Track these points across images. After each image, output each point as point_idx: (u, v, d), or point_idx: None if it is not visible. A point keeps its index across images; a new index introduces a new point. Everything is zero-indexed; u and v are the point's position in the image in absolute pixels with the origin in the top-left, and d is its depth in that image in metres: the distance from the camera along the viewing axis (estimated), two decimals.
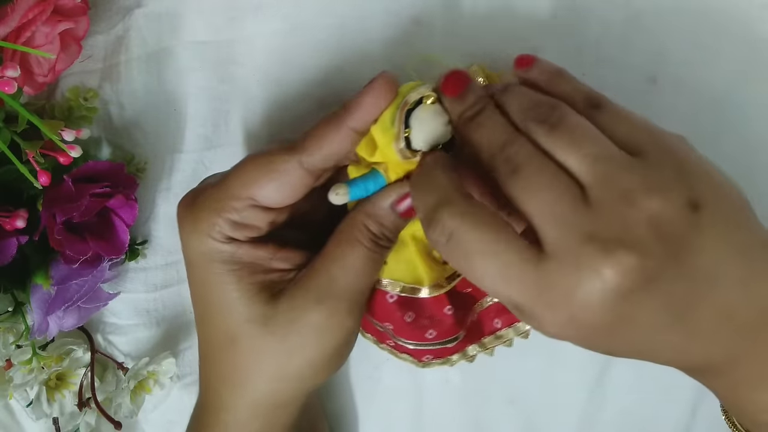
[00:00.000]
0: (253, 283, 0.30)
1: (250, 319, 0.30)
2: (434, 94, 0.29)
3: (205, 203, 0.30)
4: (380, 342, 0.36)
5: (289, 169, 0.28)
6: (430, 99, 0.29)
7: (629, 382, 0.39)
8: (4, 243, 0.33)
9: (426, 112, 0.29)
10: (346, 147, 0.28)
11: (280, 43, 0.37)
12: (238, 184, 0.29)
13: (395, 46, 0.37)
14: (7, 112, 0.32)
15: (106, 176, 0.35)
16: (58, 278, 0.34)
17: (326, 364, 0.31)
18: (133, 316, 0.40)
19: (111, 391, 0.38)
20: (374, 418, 0.42)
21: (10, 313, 0.35)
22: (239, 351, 0.30)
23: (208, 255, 0.30)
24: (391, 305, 0.32)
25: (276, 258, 0.31)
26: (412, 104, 0.29)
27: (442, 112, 0.29)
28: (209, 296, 0.31)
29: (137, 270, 0.39)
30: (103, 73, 0.38)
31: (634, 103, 0.36)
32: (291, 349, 0.30)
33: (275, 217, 0.30)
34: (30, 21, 0.30)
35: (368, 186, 0.31)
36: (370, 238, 0.29)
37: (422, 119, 0.29)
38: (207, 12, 0.37)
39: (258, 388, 0.31)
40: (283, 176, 0.28)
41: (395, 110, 0.29)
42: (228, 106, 0.38)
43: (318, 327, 0.30)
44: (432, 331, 0.33)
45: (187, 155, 0.38)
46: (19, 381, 0.36)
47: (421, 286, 0.32)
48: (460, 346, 0.35)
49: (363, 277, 0.30)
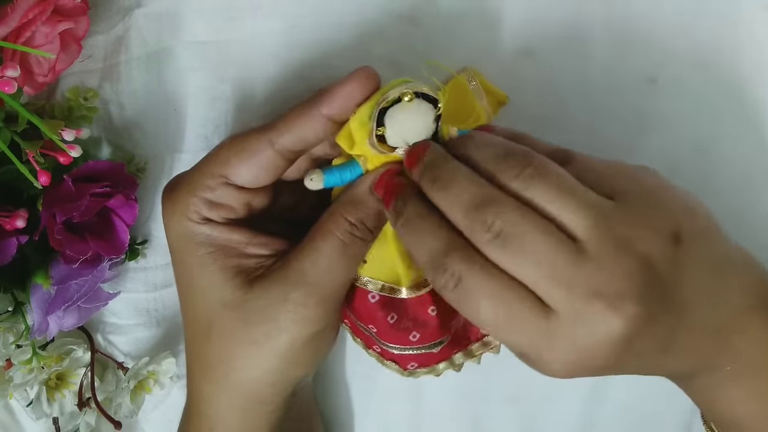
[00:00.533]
0: (228, 266, 0.30)
1: (225, 303, 0.30)
2: (411, 93, 0.29)
3: (182, 185, 0.30)
4: (368, 347, 0.35)
5: (260, 148, 0.28)
6: (407, 97, 0.28)
7: (629, 381, 0.39)
8: (4, 243, 0.33)
9: (402, 110, 0.29)
10: (318, 132, 0.28)
11: (280, 42, 0.37)
12: (212, 163, 0.29)
13: (394, 45, 0.37)
14: (7, 112, 0.32)
15: (106, 176, 0.35)
16: (58, 278, 0.34)
17: (298, 358, 0.30)
18: (133, 316, 0.40)
19: (111, 391, 0.38)
20: (372, 418, 0.41)
21: (10, 313, 0.35)
22: (215, 337, 0.30)
23: (186, 237, 0.30)
24: (373, 305, 0.32)
25: (252, 243, 0.30)
26: (389, 102, 0.29)
27: (421, 111, 0.29)
28: (189, 280, 0.31)
29: (137, 270, 0.39)
30: (103, 73, 0.38)
31: (634, 103, 0.36)
32: (260, 338, 0.29)
33: (250, 199, 0.30)
34: (30, 21, 0.30)
35: (344, 175, 0.30)
36: (346, 229, 0.29)
37: (397, 118, 0.29)
38: (207, 12, 0.37)
39: (233, 377, 0.30)
40: (253, 155, 0.28)
41: (374, 105, 0.29)
42: (228, 106, 0.38)
43: (285, 318, 0.29)
44: (416, 333, 0.32)
45: (187, 155, 0.38)
46: (19, 381, 0.36)
47: (399, 287, 0.32)
48: (446, 353, 0.34)
49: (336, 271, 0.29)
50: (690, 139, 0.36)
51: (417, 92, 0.29)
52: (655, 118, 0.36)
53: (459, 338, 0.34)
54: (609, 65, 0.36)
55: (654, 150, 0.36)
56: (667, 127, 0.36)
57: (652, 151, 0.36)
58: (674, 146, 0.36)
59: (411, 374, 0.35)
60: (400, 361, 0.34)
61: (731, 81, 0.36)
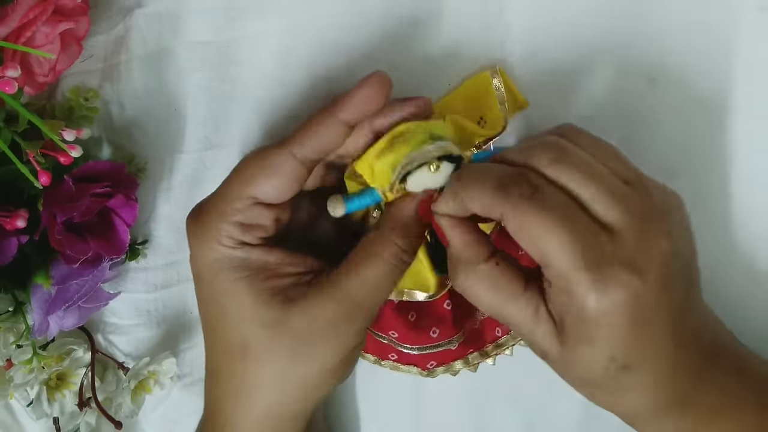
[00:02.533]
0: (266, 288, 0.30)
1: (264, 323, 0.29)
2: (437, 162, 0.29)
3: (210, 211, 0.30)
4: (381, 359, 0.36)
5: (283, 162, 0.29)
6: (433, 166, 0.29)
7: None
8: (5, 243, 0.33)
9: (426, 175, 0.29)
10: (337, 139, 0.29)
11: (281, 43, 0.37)
12: (237, 185, 0.29)
13: (394, 46, 0.37)
14: (8, 112, 0.32)
15: (107, 176, 0.35)
16: (58, 278, 0.34)
17: (332, 374, 0.31)
18: (133, 316, 0.40)
19: (111, 391, 0.38)
20: (374, 418, 0.42)
21: (10, 313, 0.35)
22: (250, 358, 0.30)
23: (219, 262, 0.30)
24: (392, 311, 0.33)
25: (287, 262, 0.30)
26: (414, 166, 0.29)
27: (443, 173, 0.29)
28: (221, 304, 0.30)
29: (137, 270, 0.39)
30: (103, 73, 0.38)
31: (634, 103, 0.36)
32: (301, 354, 0.30)
33: (279, 214, 0.30)
34: (30, 21, 0.30)
35: (363, 201, 0.31)
36: (395, 253, 0.29)
37: (420, 180, 0.29)
38: (207, 12, 0.37)
39: (265, 397, 0.31)
40: (278, 170, 0.29)
41: (397, 156, 0.29)
42: (228, 106, 0.38)
43: (329, 335, 0.29)
44: (435, 329, 0.33)
45: (187, 155, 0.38)
46: (20, 381, 0.36)
47: (425, 291, 0.33)
48: (462, 352, 0.35)
49: (382, 293, 0.30)
50: (690, 139, 0.36)
51: (442, 156, 0.29)
52: (655, 117, 0.36)
53: (475, 339, 0.35)
54: (609, 65, 0.36)
55: (654, 149, 0.36)
56: (667, 127, 0.36)
57: (651, 151, 0.36)
58: (674, 146, 0.36)
59: (430, 374, 0.36)
60: (420, 362, 0.35)
61: (731, 80, 0.36)
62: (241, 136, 0.38)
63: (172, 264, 0.39)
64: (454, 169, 0.29)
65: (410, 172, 0.29)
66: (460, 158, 0.29)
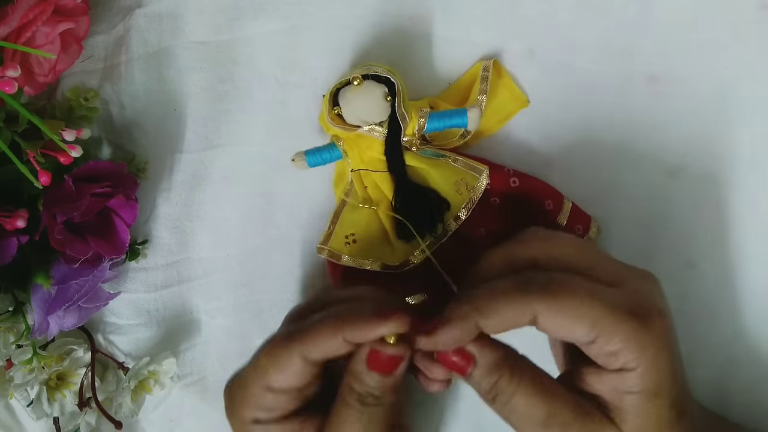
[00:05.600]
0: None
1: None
2: (360, 76, 0.32)
3: (236, 389, 0.31)
4: None
5: (292, 361, 0.30)
6: (356, 81, 0.32)
7: None
8: (5, 243, 0.33)
9: (352, 92, 0.33)
10: (341, 350, 0.30)
11: (281, 43, 0.37)
12: (253, 377, 0.31)
13: (393, 45, 0.37)
14: (8, 112, 0.32)
15: (107, 176, 0.35)
16: (58, 278, 0.34)
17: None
18: (133, 316, 0.40)
19: (111, 391, 0.38)
20: None
21: (10, 313, 0.35)
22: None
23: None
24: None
25: (304, 428, 0.31)
26: (341, 84, 0.33)
27: (370, 92, 0.32)
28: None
29: (137, 270, 0.39)
30: (103, 73, 0.38)
31: (634, 103, 0.36)
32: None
33: (298, 394, 0.31)
34: (31, 21, 0.30)
35: (324, 155, 0.35)
36: (356, 398, 0.30)
37: (348, 98, 0.33)
38: (208, 12, 0.37)
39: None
40: (287, 367, 0.30)
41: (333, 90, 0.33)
42: (228, 106, 0.38)
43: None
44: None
45: (187, 155, 0.38)
46: (20, 381, 0.36)
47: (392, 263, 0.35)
48: None
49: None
50: (689, 138, 0.36)
51: (366, 75, 0.32)
52: (655, 117, 0.36)
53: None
54: (609, 64, 0.36)
55: (654, 149, 0.36)
56: (667, 127, 0.36)
57: (651, 150, 0.36)
58: (674, 145, 0.36)
59: None
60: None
61: (731, 80, 0.36)
62: (240, 136, 0.38)
63: (172, 264, 0.39)
64: (385, 97, 0.32)
65: (339, 90, 0.33)
66: (388, 81, 0.32)
